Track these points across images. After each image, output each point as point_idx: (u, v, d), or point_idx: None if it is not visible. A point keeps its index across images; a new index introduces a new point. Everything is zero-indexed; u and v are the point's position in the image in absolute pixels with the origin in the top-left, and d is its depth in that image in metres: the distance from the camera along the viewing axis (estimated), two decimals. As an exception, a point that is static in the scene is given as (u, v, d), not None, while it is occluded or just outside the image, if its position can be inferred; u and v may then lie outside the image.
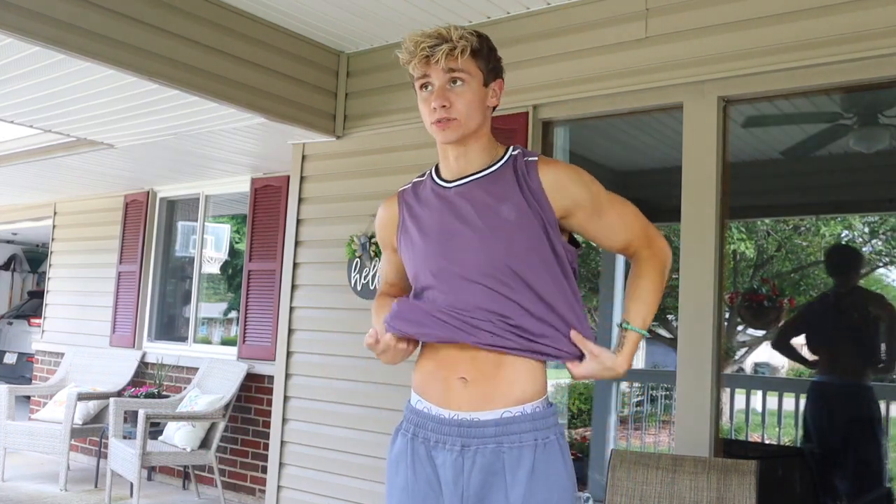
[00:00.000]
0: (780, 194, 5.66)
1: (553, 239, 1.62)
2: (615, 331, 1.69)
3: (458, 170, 1.69)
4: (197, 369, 5.71)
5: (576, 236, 1.75)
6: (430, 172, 1.78)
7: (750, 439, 5.99)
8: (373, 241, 3.97)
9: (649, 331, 1.69)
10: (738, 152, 4.77)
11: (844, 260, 4.99)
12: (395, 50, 1.67)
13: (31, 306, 10.48)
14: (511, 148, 1.71)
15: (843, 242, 8.80)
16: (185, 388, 5.70)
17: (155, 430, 5.25)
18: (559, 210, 1.62)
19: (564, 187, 1.63)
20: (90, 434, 5.77)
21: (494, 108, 1.74)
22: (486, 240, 1.61)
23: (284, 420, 4.25)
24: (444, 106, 1.60)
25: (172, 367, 5.99)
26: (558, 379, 7.03)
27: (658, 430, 7.28)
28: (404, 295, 1.81)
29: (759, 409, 5.74)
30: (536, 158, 1.66)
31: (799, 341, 4.81)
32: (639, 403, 7.98)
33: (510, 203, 1.62)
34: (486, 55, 1.66)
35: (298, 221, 4.38)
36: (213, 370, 5.52)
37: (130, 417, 5.34)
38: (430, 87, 1.63)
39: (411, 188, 1.81)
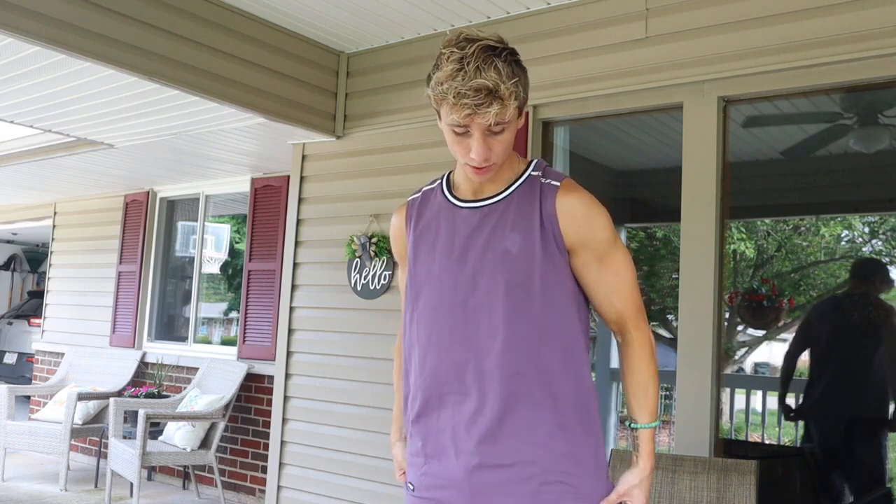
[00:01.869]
0: (780, 194, 5.66)
1: (565, 274, 1.55)
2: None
3: (479, 186, 1.60)
4: (197, 369, 5.71)
5: None
6: (442, 183, 1.69)
7: (750, 439, 5.98)
8: (373, 240, 3.97)
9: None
10: (738, 152, 4.77)
11: (871, 268, 4.95)
12: (430, 72, 1.50)
13: (31, 306, 10.48)
14: (533, 166, 1.61)
15: (870, 255, 8.73)
16: (185, 388, 5.70)
17: (155, 430, 5.25)
18: (567, 244, 1.53)
19: (575, 220, 1.52)
20: (90, 434, 5.77)
21: None
22: (488, 273, 1.53)
23: (284, 420, 4.25)
24: (486, 158, 1.50)
25: (172, 367, 5.99)
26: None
27: (658, 430, 7.27)
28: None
29: (759, 409, 5.73)
30: (559, 184, 1.55)
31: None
32: (639, 403, 7.95)
33: (519, 233, 1.53)
34: (525, 92, 1.51)
35: (298, 221, 4.38)
36: (213, 370, 5.52)
37: (130, 417, 5.34)
38: (465, 131, 1.48)
39: (420, 198, 1.72)
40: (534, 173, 1.59)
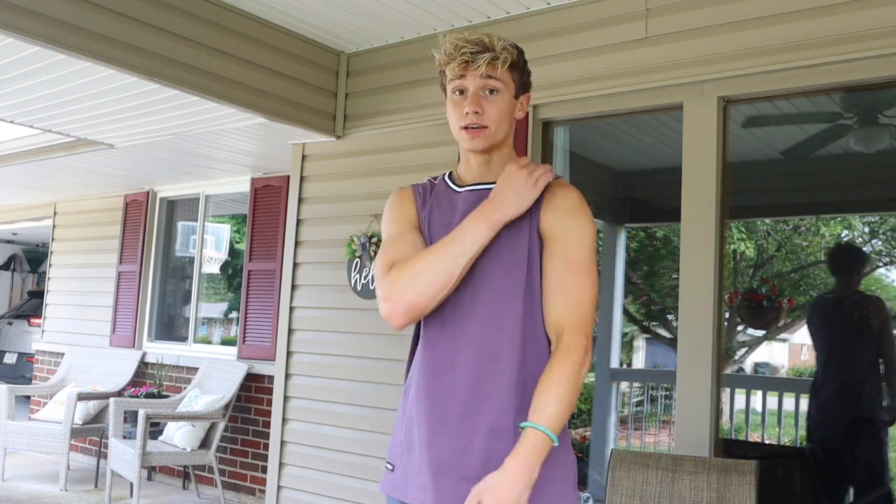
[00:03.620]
0: (780, 194, 5.66)
1: (536, 260, 1.60)
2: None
3: (479, 176, 1.69)
4: (197, 369, 5.71)
5: None
6: (444, 176, 1.78)
7: (750, 439, 5.99)
8: (373, 240, 3.97)
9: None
10: (738, 152, 4.77)
11: (848, 260, 4.94)
12: (432, 49, 1.66)
13: (31, 306, 10.48)
14: None
15: (845, 241, 8.79)
16: (185, 388, 5.70)
17: (155, 430, 5.25)
18: (542, 230, 1.60)
19: (556, 208, 1.60)
20: (90, 434, 5.78)
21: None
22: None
23: (284, 420, 4.25)
24: (476, 112, 1.61)
25: (172, 367, 5.99)
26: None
27: (658, 430, 7.28)
28: None
29: (759, 409, 5.74)
30: (552, 179, 1.64)
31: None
32: (639, 403, 7.98)
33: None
34: (521, 68, 1.67)
35: (298, 221, 4.38)
36: (213, 370, 5.52)
37: (130, 417, 5.34)
38: (463, 93, 1.63)
39: (427, 183, 1.80)
40: None
